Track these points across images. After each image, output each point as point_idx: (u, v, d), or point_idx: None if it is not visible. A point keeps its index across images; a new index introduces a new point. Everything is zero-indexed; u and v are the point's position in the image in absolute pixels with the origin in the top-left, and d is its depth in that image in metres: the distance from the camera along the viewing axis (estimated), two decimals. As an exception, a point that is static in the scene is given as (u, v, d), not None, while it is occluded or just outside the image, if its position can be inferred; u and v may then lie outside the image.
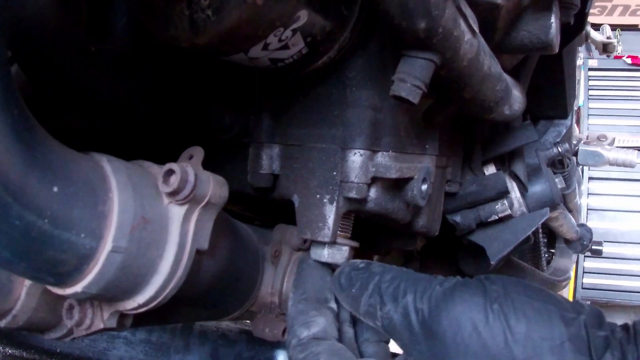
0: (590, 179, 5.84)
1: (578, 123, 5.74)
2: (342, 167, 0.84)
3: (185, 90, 0.93)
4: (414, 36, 0.70)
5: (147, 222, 0.66)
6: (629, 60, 6.12)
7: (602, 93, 6.14)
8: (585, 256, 5.53)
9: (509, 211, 1.20)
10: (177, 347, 1.75)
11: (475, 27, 0.77)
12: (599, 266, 5.74)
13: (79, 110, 0.89)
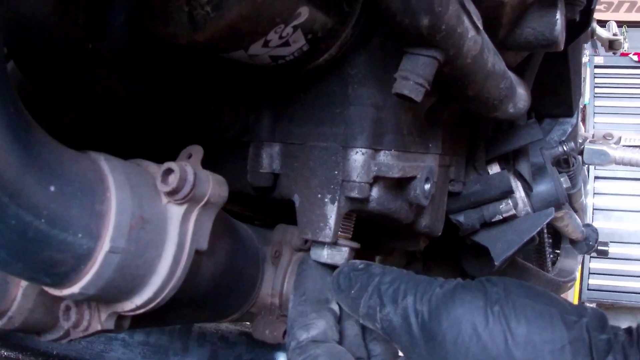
0: (596, 178, 5.84)
1: (584, 121, 5.74)
2: (344, 166, 0.84)
3: (184, 88, 0.93)
4: (416, 33, 0.70)
5: (146, 222, 0.66)
6: (635, 57, 6.13)
7: (608, 91, 6.15)
8: (591, 257, 5.53)
9: (513, 211, 1.20)
10: (176, 349, 1.75)
11: (479, 24, 0.77)
12: (605, 267, 5.75)
13: (76, 108, 0.89)
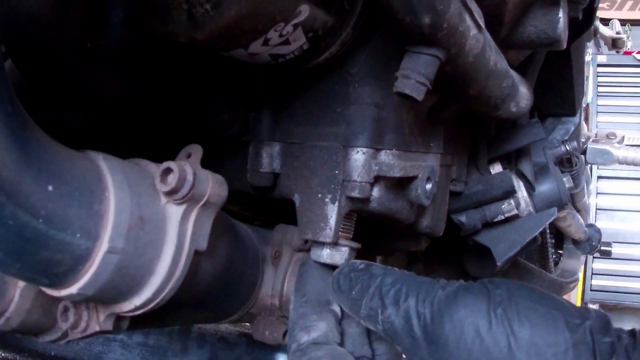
0: (599, 177, 5.84)
1: (587, 120, 5.74)
2: (345, 166, 0.84)
3: (183, 87, 0.93)
4: (418, 31, 0.70)
5: (144, 222, 0.66)
6: (638, 56, 6.12)
7: (612, 90, 6.14)
8: (594, 257, 5.53)
9: (515, 211, 1.20)
10: (175, 351, 1.75)
11: (481, 22, 0.77)
12: (608, 267, 5.75)
13: (74, 107, 0.89)
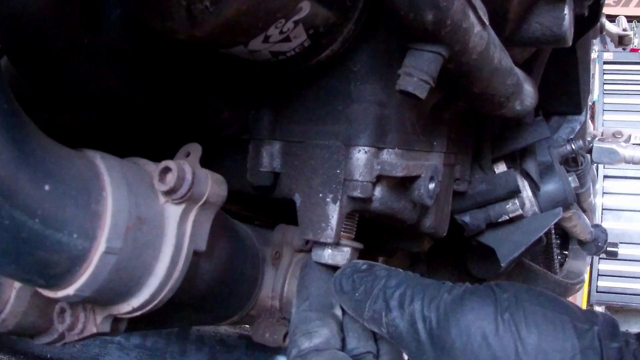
0: (605, 177, 5.84)
1: (592, 119, 5.73)
2: (346, 165, 0.84)
3: (182, 85, 0.93)
4: (421, 28, 0.70)
5: (143, 222, 0.66)
6: (645, 53, 6.12)
7: (618, 87, 6.14)
8: (600, 258, 5.53)
9: (520, 211, 1.20)
10: (173, 353, 1.75)
11: (485, 19, 0.77)
12: (615, 269, 5.74)
13: (72, 105, 0.89)
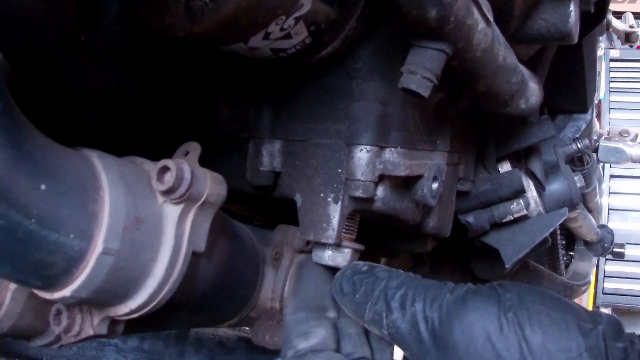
0: (611, 176, 5.82)
1: (599, 117, 5.72)
2: (348, 164, 0.84)
3: (181, 82, 0.93)
4: (424, 25, 0.70)
5: (140, 222, 0.66)
6: (653, 50, 6.10)
7: (625, 85, 6.12)
8: (606, 259, 5.52)
9: (525, 211, 1.20)
10: (171, 355, 1.75)
11: (490, 16, 0.77)
12: (621, 270, 5.73)
13: (68, 102, 0.89)
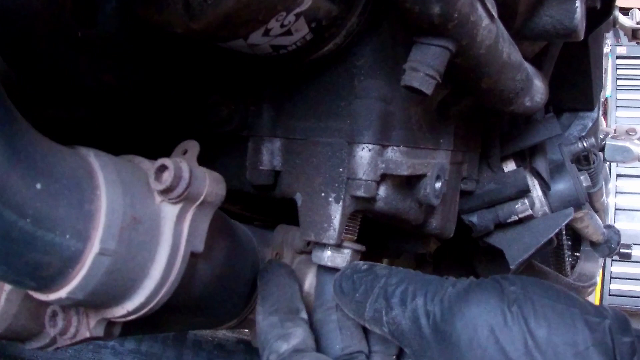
0: (618, 176, 5.82)
1: (605, 115, 5.72)
2: (349, 163, 0.84)
3: (179, 79, 0.93)
4: (427, 21, 0.70)
5: (138, 222, 0.66)
6: (660, 47, 6.09)
7: (632, 83, 6.11)
8: (612, 260, 5.52)
9: (529, 211, 1.20)
10: (169, 358, 1.75)
11: (494, 12, 0.77)
12: (628, 271, 5.72)
13: (64, 100, 0.89)
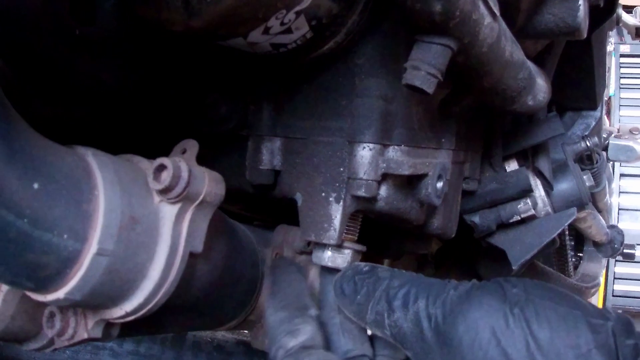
0: (621, 175, 5.81)
1: (608, 115, 5.72)
2: (350, 163, 0.84)
3: (178, 78, 0.93)
4: (428, 20, 0.69)
5: (136, 222, 0.66)
6: (664, 45, 6.09)
7: (635, 82, 6.11)
8: (616, 261, 5.52)
9: (532, 211, 1.20)
10: (168, 359, 1.75)
11: (496, 10, 0.77)
12: (631, 272, 5.72)
13: (62, 99, 0.89)
